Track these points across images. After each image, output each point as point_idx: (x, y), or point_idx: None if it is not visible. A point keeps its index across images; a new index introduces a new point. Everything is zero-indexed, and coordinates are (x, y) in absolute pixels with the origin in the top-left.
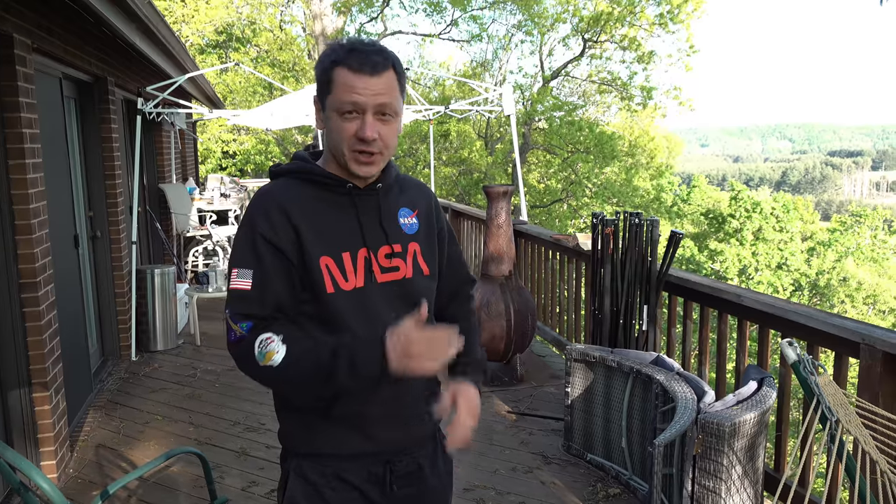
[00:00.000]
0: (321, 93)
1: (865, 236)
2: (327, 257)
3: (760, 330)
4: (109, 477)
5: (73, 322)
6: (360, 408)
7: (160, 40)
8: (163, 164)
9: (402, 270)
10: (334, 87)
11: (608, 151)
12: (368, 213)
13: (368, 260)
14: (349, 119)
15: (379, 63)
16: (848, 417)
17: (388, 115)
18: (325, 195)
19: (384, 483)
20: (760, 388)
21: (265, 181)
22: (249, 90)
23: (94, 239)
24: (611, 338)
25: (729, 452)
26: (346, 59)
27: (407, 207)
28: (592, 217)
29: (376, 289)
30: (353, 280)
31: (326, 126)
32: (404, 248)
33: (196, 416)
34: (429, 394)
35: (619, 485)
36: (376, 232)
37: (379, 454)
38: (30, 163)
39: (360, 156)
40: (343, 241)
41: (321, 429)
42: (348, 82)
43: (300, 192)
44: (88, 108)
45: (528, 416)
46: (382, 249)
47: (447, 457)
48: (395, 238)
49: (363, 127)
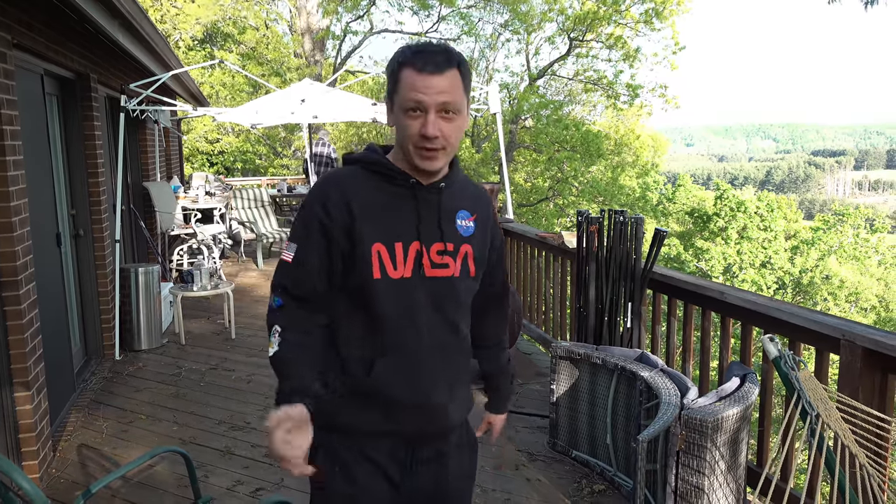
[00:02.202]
0: (390, 92)
1: (848, 235)
2: (380, 244)
3: (743, 327)
4: (92, 477)
5: (55, 321)
6: (388, 391)
7: (143, 37)
8: (147, 162)
9: (450, 268)
10: (400, 87)
11: (594, 150)
12: (428, 209)
13: (420, 253)
14: (413, 117)
15: (442, 62)
16: (828, 412)
17: (451, 113)
18: (389, 187)
19: (405, 464)
20: (743, 384)
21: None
22: (236, 88)
23: (77, 237)
24: (595, 335)
25: (712, 448)
26: (412, 59)
27: (466, 210)
28: (578, 215)
29: (422, 281)
30: (401, 269)
31: (396, 123)
32: (456, 248)
33: (180, 416)
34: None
35: (604, 481)
36: (432, 228)
37: (403, 435)
38: (10, 160)
39: (424, 152)
40: (397, 232)
41: (352, 403)
42: (413, 82)
43: (365, 180)
44: (71, 106)
45: (514, 413)
46: (435, 246)
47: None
48: (450, 237)
49: (426, 125)
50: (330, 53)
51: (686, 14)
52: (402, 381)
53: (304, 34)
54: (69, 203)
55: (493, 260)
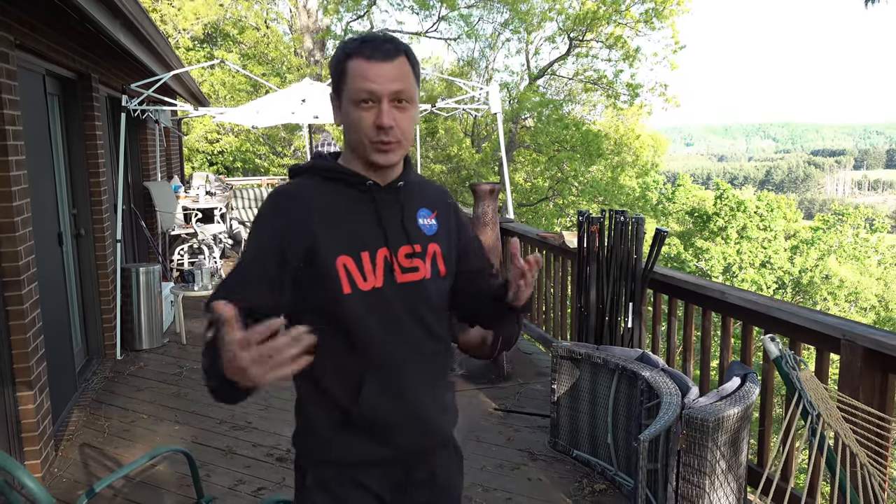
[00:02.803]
0: (337, 87)
1: (847, 235)
2: (346, 257)
3: (744, 327)
4: (94, 476)
5: (57, 321)
6: (379, 415)
7: (144, 37)
8: (147, 161)
9: (421, 271)
10: (349, 78)
11: (594, 150)
12: (389, 211)
13: (388, 259)
14: (366, 108)
15: (391, 50)
16: (829, 412)
17: (405, 102)
18: (345, 193)
19: (400, 485)
20: (744, 383)
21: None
22: (236, 88)
23: (79, 237)
24: (596, 335)
25: (713, 447)
26: (359, 49)
27: (426, 208)
28: (578, 215)
29: (395, 289)
30: (371, 280)
31: (345, 121)
32: (424, 249)
33: (182, 415)
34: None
35: (605, 480)
36: (397, 231)
37: (398, 461)
38: (13, 160)
39: (380, 145)
40: (362, 241)
41: (343, 436)
42: (363, 71)
43: (319, 190)
44: (72, 106)
45: (515, 413)
46: (403, 249)
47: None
48: (416, 238)
49: (380, 115)
50: (330, 53)
51: (686, 14)
52: (391, 401)
53: (304, 34)
54: (70, 203)
55: (473, 244)
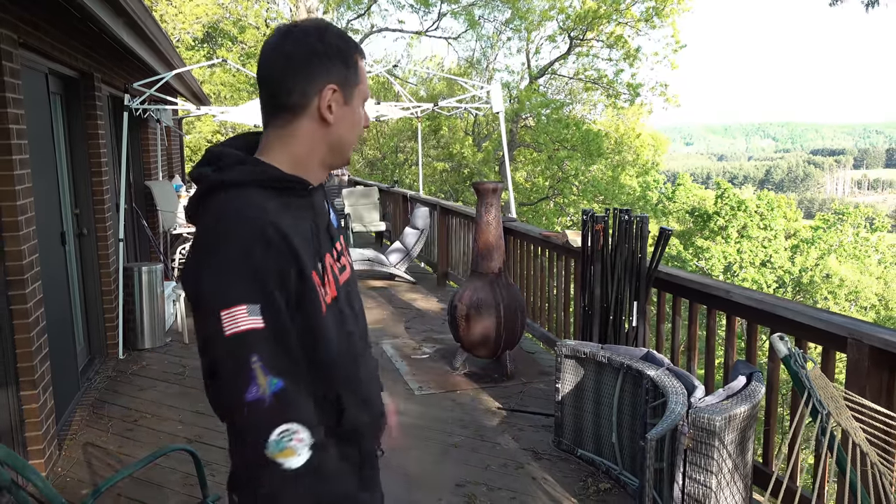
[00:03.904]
0: (349, 83)
1: (848, 234)
2: (314, 272)
3: (749, 326)
4: (98, 475)
5: (60, 320)
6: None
7: (147, 35)
8: (149, 161)
9: (347, 266)
10: (360, 77)
11: (595, 149)
12: (320, 214)
13: (331, 263)
14: (361, 107)
15: None
16: (838, 410)
17: None
18: (290, 201)
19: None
20: (749, 382)
21: None
22: (237, 87)
23: (81, 236)
24: (601, 334)
25: (720, 447)
26: (358, 48)
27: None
28: (582, 214)
29: (343, 292)
30: (331, 289)
31: (348, 117)
32: (342, 244)
33: (185, 414)
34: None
35: (610, 480)
36: (328, 232)
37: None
38: (16, 159)
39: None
40: (314, 248)
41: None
42: (364, 72)
43: (275, 201)
44: (74, 105)
45: (519, 412)
46: (335, 248)
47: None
48: (336, 235)
49: (367, 115)
50: None
51: (687, 12)
52: (363, 406)
53: None
54: (73, 202)
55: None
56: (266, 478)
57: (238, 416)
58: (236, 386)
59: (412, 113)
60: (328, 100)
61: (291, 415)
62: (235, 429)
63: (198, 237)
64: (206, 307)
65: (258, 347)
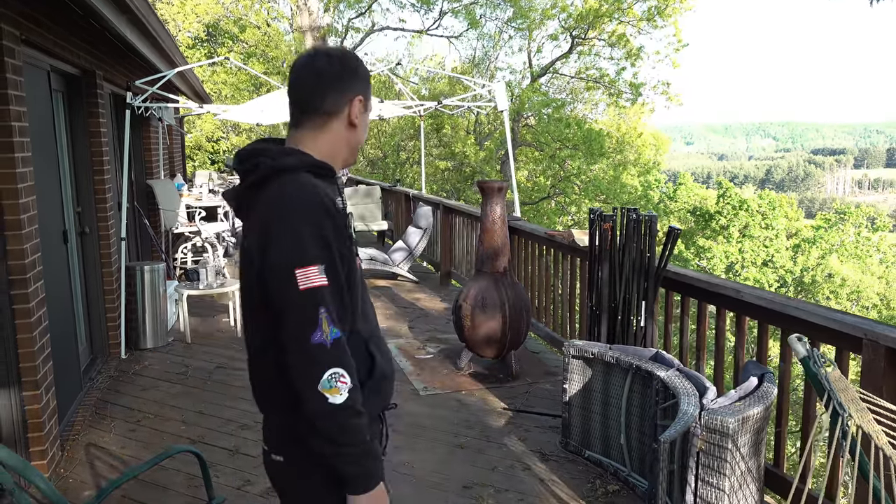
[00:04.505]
0: (367, 96)
1: (849, 233)
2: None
3: (759, 326)
4: (101, 477)
5: (62, 319)
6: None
7: (150, 33)
8: (150, 159)
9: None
10: (370, 91)
11: (596, 148)
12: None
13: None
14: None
15: None
16: (860, 413)
17: None
18: (326, 184)
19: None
20: (761, 384)
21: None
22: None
23: (83, 235)
24: (608, 334)
25: (733, 449)
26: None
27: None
28: (590, 213)
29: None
30: (357, 259)
31: (360, 123)
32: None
33: (188, 415)
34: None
35: (618, 481)
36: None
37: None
38: (19, 156)
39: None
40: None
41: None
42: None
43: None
44: (76, 102)
45: (525, 413)
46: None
47: None
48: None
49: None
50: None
51: (689, 11)
52: (386, 359)
53: (305, 32)
54: (75, 200)
55: None
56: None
57: (300, 356)
58: (305, 331)
59: (415, 111)
60: (357, 108)
61: (342, 360)
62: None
63: (266, 212)
64: (282, 267)
65: (325, 301)
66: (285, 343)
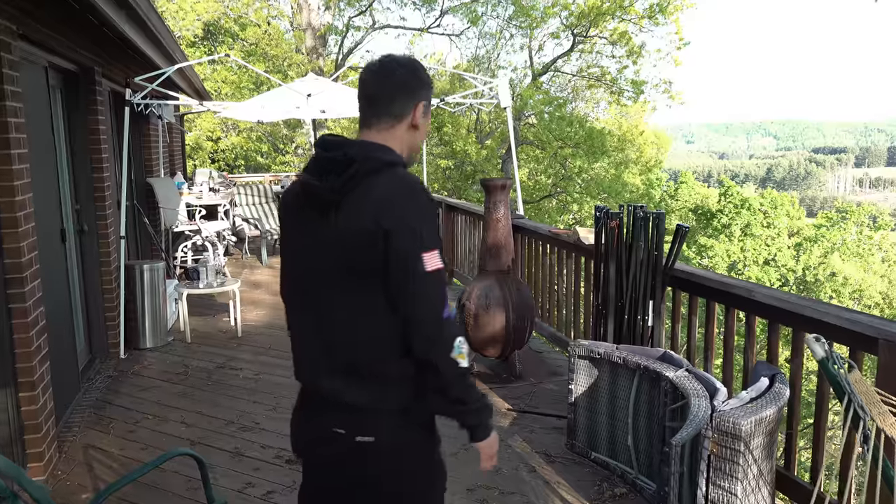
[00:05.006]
0: (427, 97)
1: (851, 232)
2: None
3: (770, 325)
4: (99, 479)
5: (59, 319)
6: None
7: (150, 29)
8: (150, 157)
9: None
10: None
11: (598, 147)
12: None
13: None
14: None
15: None
16: (882, 417)
17: None
18: None
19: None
20: (773, 384)
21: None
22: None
23: (82, 233)
24: (615, 333)
25: (746, 452)
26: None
27: None
28: (596, 211)
29: None
30: None
31: (422, 126)
32: None
33: (188, 416)
34: None
35: (626, 484)
36: None
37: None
38: (15, 153)
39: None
40: None
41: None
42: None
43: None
44: (74, 99)
45: (530, 413)
46: None
47: None
48: None
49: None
50: (332, 49)
51: (690, 8)
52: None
53: (305, 30)
54: (73, 198)
55: None
56: (450, 372)
57: (436, 329)
58: (437, 308)
59: None
60: (421, 112)
61: (460, 329)
62: (429, 341)
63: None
64: (410, 252)
65: (444, 280)
66: (418, 320)
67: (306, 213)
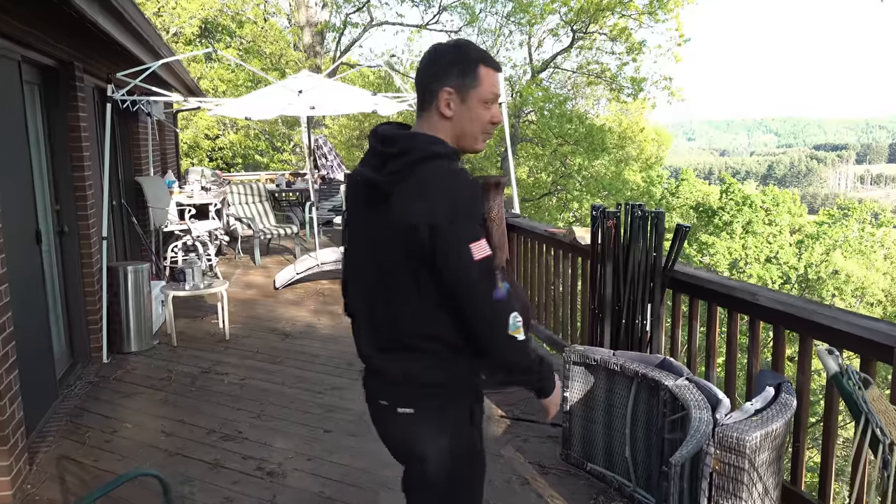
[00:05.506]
0: (466, 86)
1: (853, 229)
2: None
3: (776, 331)
4: (70, 493)
5: (33, 324)
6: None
7: (128, 21)
8: (139, 155)
9: None
10: (481, 81)
11: (598, 144)
12: None
13: None
14: (486, 108)
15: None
16: None
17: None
18: None
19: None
20: (779, 394)
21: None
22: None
23: (62, 234)
24: (612, 338)
25: (750, 469)
26: (486, 59)
27: None
28: (592, 210)
29: None
30: None
31: (465, 114)
32: None
33: (169, 424)
34: None
35: (623, 497)
36: None
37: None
38: None
39: (487, 136)
40: None
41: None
42: (492, 79)
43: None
44: (54, 95)
45: (523, 421)
46: None
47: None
48: None
49: (497, 114)
50: (330, 46)
51: (691, 4)
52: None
53: (303, 27)
54: (53, 198)
55: None
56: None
57: (491, 311)
58: (489, 292)
59: (410, 105)
60: (445, 100)
61: (514, 305)
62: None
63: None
64: (456, 240)
65: (493, 267)
66: (473, 309)
67: (363, 204)
